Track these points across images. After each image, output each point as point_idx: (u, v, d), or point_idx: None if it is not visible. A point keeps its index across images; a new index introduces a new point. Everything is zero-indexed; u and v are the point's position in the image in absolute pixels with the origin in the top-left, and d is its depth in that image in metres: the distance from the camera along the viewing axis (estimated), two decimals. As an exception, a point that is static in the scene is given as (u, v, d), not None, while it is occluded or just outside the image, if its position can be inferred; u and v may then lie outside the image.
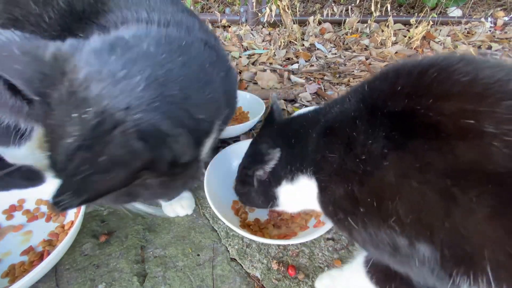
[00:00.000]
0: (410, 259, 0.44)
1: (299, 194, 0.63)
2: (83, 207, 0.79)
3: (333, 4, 2.58)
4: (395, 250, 0.45)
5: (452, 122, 0.39)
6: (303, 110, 0.68)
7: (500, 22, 2.32)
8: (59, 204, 0.38)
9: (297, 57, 2.03)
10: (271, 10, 2.14)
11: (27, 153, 0.83)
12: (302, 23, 2.38)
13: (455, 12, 2.51)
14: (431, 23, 2.04)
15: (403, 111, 0.44)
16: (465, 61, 0.44)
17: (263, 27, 2.48)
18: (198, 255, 0.82)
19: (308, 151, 0.57)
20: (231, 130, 1.20)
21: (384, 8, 2.28)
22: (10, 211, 0.88)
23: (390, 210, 0.43)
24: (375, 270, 0.57)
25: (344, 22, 2.41)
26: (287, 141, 0.62)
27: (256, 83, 1.68)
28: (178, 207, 0.92)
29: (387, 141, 0.44)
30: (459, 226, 0.38)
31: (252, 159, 0.70)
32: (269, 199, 0.69)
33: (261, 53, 2.06)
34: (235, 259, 0.81)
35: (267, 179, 0.66)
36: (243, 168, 0.74)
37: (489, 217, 0.36)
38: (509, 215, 0.35)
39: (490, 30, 2.28)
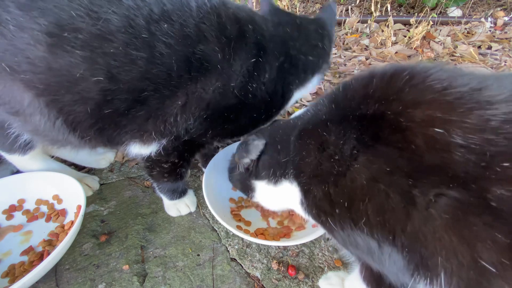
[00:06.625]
0: (383, 259, 0.45)
1: (280, 196, 0.65)
2: (83, 207, 0.80)
3: (333, 4, 2.58)
4: (370, 251, 0.47)
5: (422, 130, 0.40)
6: (298, 112, 0.71)
7: (500, 22, 2.31)
8: None
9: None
10: (271, 10, 2.13)
11: (31, 160, 0.91)
12: (302, 23, 2.37)
13: (455, 12, 2.50)
14: (431, 23, 2.03)
15: (374, 115, 0.45)
16: (440, 68, 0.45)
17: (263, 27, 2.47)
18: (198, 255, 0.82)
19: (290, 156, 0.58)
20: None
21: (384, 8, 2.28)
22: (10, 211, 0.88)
23: (360, 212, 0.44)
24: (368, 279, 0.60)
25: (344, 22, 2.41)
26: (273, 146, 0.64)
27: (256, 83, 1.68)
28: (183, 205, 0.93)
29: (357, 143, 0.45)
30: (418, 231, 0.39)
31: (241, 146, 0.72)
32: (247, 189, 0.73)
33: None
34: (235, 259, 0.81)
35: (250, 168, 0.69)
36: (234, 154, 0.77)
37: (446, 225, 0.36)
38: (468, 223, 0.35)
39: (490, 30, 2.27)
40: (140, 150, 0.76)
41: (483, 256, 0.34)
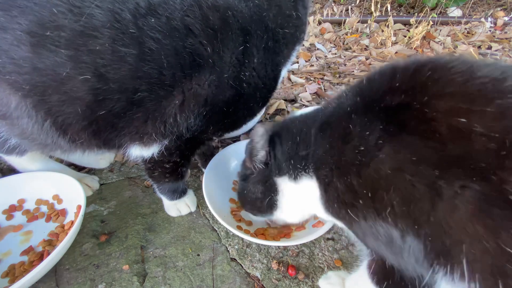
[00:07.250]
0: (402, 250, 0.46)
1: (302, 197, 0.62)
2: (83, 207, 0.80)
3: (333, 4, 2.58)
4: (390, 241, 0.47)
5: (446, 119, 0.41)
6: (306, 109, 0.68)
7: (500, 22, 2.31)
8: None
9: (297, 57, 2.03)
10: (271, 10, 2.13)
11: (29, 161, 0.92)
12: (302, 23, 2.37)
13: (455, 12, 2.50)
14: (431, 23, 2.03)
15: (400, 105, 0.46)
16: (462, 61, 0.45)
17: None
18: (198, 255, 0.82)
19: (310, 148, 0.57)
20: (231, 130, 1.20)
21: (384, 8, 2.28)
22: (10, 211, 0.88)
23: (385, 202, 0.44)
24: (376, 272, 0.59)
25: (344, 22, 2.41)
26: (290, 137, 0.61)
27: (256, 83, 1.68)
28: (183, 205, 0.93)
29: (383, 133, 0.45)
30: (442, 221, 0.40)
31: (250, 146, 0.67)
32: (270, 191, 0.66)
33: (261, 53, 2.05)
34: (235, 259, 0.81)
35: (268, 162, 0.64)
36: (245, 158, 0.72)
37: (472, 214, 0.37)
38: (491, 214, 0.36)
39: (490, 30, 2.27)
40: (141, 152, 0.75)
41: (507, 243, 0.35)
